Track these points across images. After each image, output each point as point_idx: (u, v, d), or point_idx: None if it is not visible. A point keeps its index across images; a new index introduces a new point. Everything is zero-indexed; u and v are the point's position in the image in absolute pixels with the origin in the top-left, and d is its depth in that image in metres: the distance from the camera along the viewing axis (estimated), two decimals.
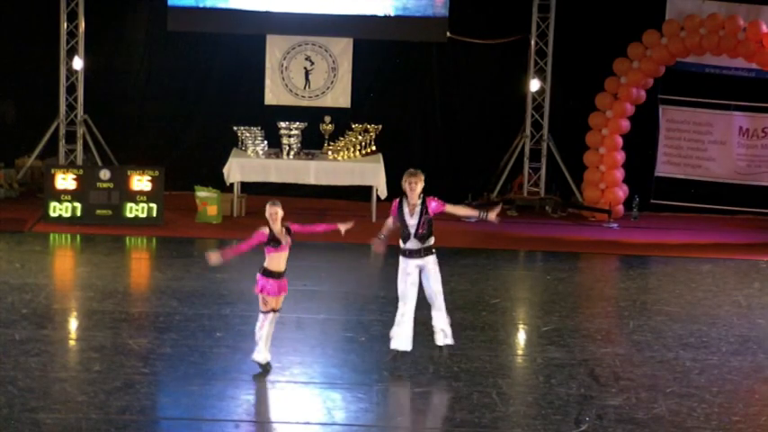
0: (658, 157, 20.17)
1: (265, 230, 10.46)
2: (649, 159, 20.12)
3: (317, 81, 20.06)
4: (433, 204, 10.75)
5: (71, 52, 19.74)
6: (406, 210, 10.72)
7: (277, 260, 10.45)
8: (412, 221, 10.68)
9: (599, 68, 19.24)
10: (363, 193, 18.67)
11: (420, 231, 10.68)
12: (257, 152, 18.43)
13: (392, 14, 19.47)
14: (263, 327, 10.51)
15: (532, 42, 20.00)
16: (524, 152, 20.25)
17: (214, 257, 10.50)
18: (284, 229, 10.48)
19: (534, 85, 20.07)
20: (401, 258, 10.79)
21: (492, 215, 10.99)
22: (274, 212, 10.51)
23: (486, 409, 9.86)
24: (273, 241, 10.43)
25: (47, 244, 16.42)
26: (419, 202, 10.71)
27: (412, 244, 10.70)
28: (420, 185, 10.70)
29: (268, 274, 10.46)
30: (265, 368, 10.54)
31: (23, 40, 19.74)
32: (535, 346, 12.01)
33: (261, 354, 10.53)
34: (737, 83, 19.75)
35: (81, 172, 17.58)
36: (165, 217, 17.47)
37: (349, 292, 13.87)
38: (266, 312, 10.52)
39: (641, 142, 19.85)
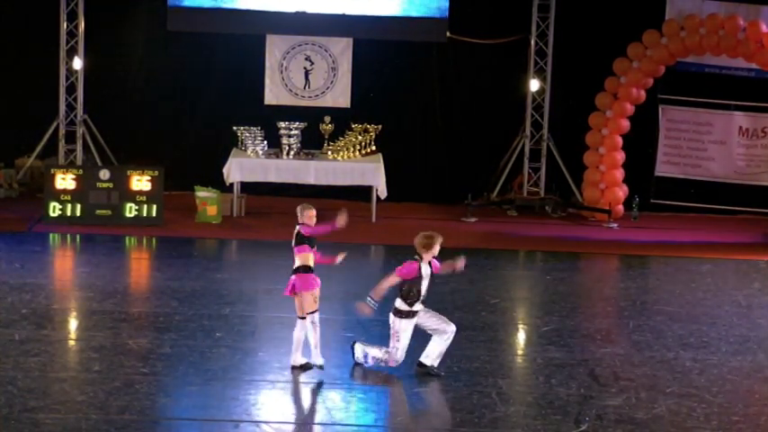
0: (658, 156, 20.18)
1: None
2: (649, 159, 20.12)
3: (317, 81, 20.06)
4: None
5: (71, 52, 19.75)
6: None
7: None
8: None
9: (599, 68, 19.24)
10: (363, 193, 18.67)
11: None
12: (257, 152, 18.43)
13: (392, 14, 19.48)
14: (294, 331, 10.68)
15: (532, 42, 20.01)
16: (524, 152, 20.25)
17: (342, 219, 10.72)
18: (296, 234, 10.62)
19: (534, 85, 20.08)
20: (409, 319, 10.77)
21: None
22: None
23: (486, 409, 9.86)
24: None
25: (47, 244, 16.42)
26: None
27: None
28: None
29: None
30: (303, 368, 10.60)
31: (23, 40, 19.74)
32: (535, 346, 12.01)
33: (292, 356, 10.66)
34: (737, 83, 19.76)
35: (81, 172, 17.58)
36: (164, 217, 17.47)
37: (349, 292, 13.85)
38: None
39: (641, 142, 19.86)
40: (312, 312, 10.55)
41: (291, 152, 18.45)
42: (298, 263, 10.61)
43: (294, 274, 10.59)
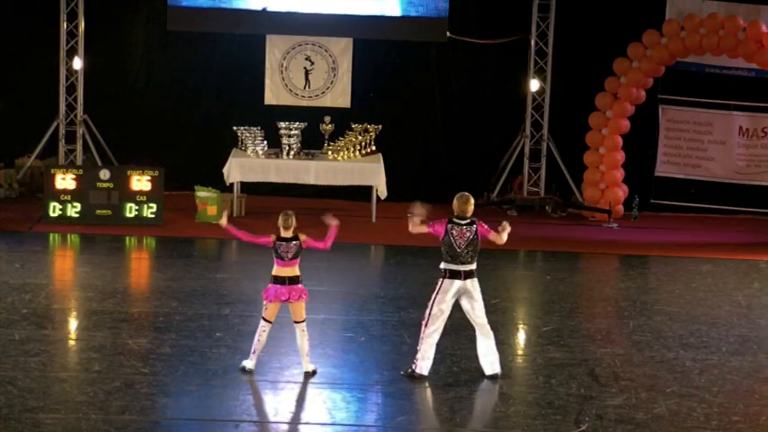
0: (658, 156, 20.18)
1: (272, 239, 10.52)
2: (649, 159, 20.13)
3: (317, 81, 20.06)
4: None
5: (71, 52, 19.75)
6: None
7: (280, 270, 10.52)
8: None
9: (599, 68, 19.25)
10: (363, 193, 18.67)
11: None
12: (257, 152, 18.43)
13: (392, 14, 19.49)
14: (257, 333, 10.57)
15: (532, 42, 20.00)
16: (524, 152, 20.25)
17: (223, 220, 10.81)
18: (296, 244, 10.50)
19: (534, 85, 20.08)
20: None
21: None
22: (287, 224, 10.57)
23: (486, 409, 9.86)
24: (277, 253, 10.48)
25: (47, 244, 16.41)
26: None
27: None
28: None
29: (272, 279, 10.52)
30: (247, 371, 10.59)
31: (23, 40, 19.75)
32: (535, 346, 12.01)
33: (252, 360, 10.60)
34: (737, 83, 19.77)
35: (81, 172, 17.58)
36: (165, 217, 17.47)
37: (349, 292, 13.86)
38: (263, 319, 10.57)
39: (641, 142, 19.86)
40: (304, 320, 10.55)
41: (291, 152, 18.45)
42: (298, 272, 10.53)
43: (298, 284, 10.50)
